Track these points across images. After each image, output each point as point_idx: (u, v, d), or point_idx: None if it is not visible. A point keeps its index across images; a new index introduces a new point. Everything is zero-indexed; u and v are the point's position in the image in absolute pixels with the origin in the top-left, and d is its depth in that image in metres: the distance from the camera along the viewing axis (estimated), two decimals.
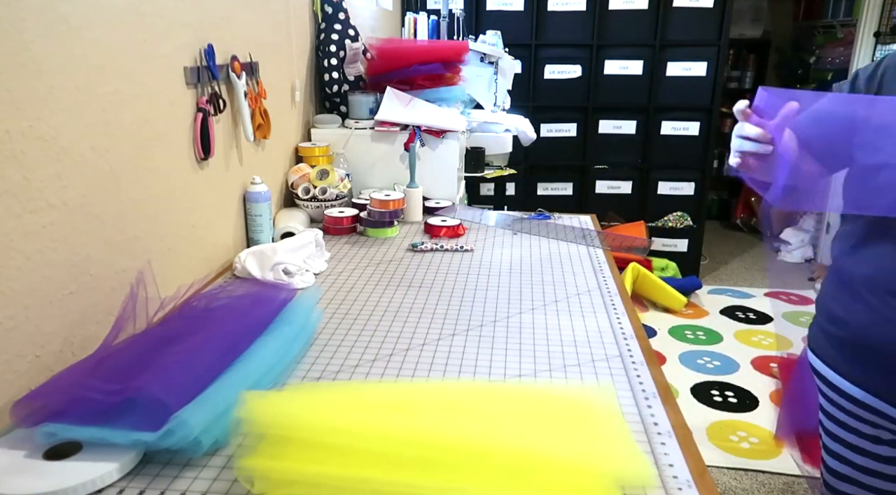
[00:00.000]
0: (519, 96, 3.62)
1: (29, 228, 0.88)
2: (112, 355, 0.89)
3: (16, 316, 0.87)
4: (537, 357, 1.06)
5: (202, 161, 1.34)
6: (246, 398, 0.75)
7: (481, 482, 0.68)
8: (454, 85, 2.16)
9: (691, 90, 3.82)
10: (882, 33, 3.94)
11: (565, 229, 1.79)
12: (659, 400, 0.94)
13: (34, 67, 0.87)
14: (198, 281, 1.30)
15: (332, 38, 2.03)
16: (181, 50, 1.25)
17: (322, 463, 0.69)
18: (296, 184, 1.78)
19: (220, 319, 1.01)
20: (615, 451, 0.74)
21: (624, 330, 1.17)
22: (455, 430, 0.73)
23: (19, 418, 0.79)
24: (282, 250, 1.38)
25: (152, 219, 1.18)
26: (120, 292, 1.07)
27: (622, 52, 3.86)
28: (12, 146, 0.84)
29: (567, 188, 4.12)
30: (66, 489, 0.72)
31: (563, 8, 3.84)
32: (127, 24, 1.07)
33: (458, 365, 1.04)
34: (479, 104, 2.95)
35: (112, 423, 0.77)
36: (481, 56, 2.95)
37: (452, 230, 1.71)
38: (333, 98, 2.10)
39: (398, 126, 1.95)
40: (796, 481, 2.18)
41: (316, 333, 1.14)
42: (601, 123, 4.01)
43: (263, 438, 0.73)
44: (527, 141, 2.92)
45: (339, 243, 1.65)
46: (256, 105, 1.54)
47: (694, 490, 0.75)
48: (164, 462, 0.78)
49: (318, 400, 0.81)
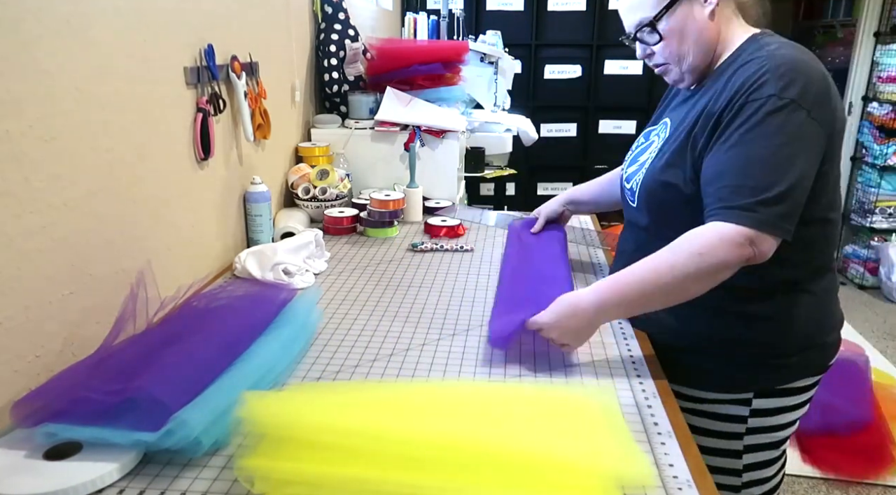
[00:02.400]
0: (519, 96, 3.62)
1: (29, 228, 0.88)
2: (112, 355, 0.89)
3: (16, 316, 0.87)
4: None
5: (202, 161, 1.34)
6: (246, 398, 0.75)
7: (481, 482, 0.68)
8: (454, 85, 2.16)
9: None
10: (882, 33, 3.94)
11: (565, 229, 1.79)
12: (659, 400, 0.94)
13: (34, 67, 0.87)
14: (198, 281, 1.29)
15: (332, 38, 2.03)
16: (181, 50, 1.25)
17: (322, 463, 0.69)
18: (296, 184, 1.78)
19: (220, 319, 1.01)
20: (615, 451, 0.74)
21: (624, 330, 1.17)
22: (455, 430, 0.73)
23: (19, 418, 0.79)
24: (282, 250, 1.38)
25: (152, 219, 1.18)
26: (120, 292, 1.07)
27: (622, 52, 3.86)
28: (12, 146, 0.84)
29: (567, 188, 4.12)
30: (66, 489, 0.72)
31: (563, 8, 3.85)
32: (127, 25, 1.07)
33: (458, 365, 1.04)
34: (479, 104, 2.95)
35: (112, 423, 0.77)
36: (481, 56, 2.95)
37: (452, 230, 1.71)
38: (333, 98, 2.10)
39: (398, 126, 1.95)
40: (796, 481, 2.18)
41: (316, 333, 1.14)
42: (601, 123, 4.01)
43: (263, 438, 0.73)
44: (528, 141, 2.92)
45: (339, 243, 1.65)
46: (256, 105, 1.54)
47: (694, 490, 0.75)
48: (164, 462, 0.78)
49: (318, 401, 0.81)
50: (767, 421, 1.11)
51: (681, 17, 1.05)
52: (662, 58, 1.10)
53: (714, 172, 0.99)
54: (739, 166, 0.96)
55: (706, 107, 1.03)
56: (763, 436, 1.12)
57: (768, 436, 1.13)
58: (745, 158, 0.96)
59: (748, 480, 1.15)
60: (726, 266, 0.95)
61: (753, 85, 0.96)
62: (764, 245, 0.94)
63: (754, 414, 1.11)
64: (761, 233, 0.93)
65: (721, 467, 1.14)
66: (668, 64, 1.10)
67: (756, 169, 0.95)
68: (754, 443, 1.13)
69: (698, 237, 0.96)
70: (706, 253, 0.95)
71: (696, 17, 1.05)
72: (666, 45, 1.08)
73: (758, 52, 1.01)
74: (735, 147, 0.97)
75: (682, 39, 1.06)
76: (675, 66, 1.09)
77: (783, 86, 0.95)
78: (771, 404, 1.10)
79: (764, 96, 0.95)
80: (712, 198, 0.98)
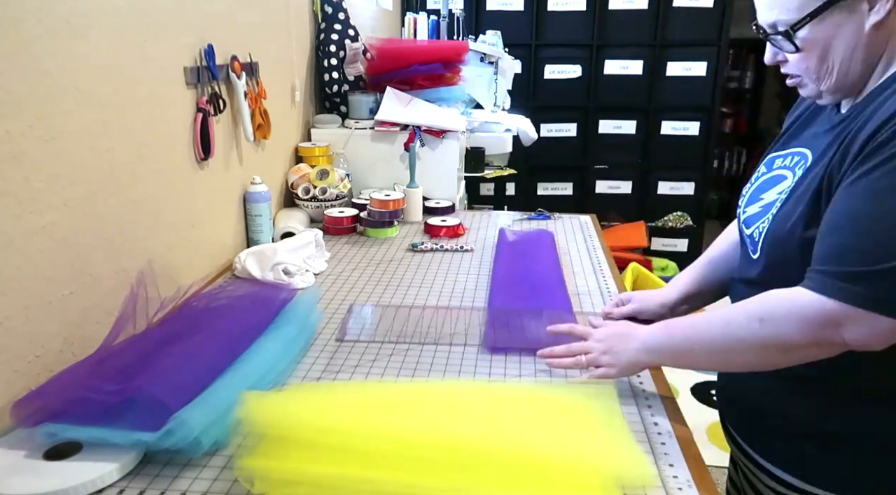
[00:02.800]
0: (519, 96, 3.62)
1: (29, 228, 0.88)
2: (112, 355, 0.89)
3: (16, 316, 0.87)
4: (537, 357, 1.06)
5: (202, 161, 1.34)
6: (246, 398, 0.75)
7: (481, 482, 0.68)
8: (454, 85, 2.16)
9: (691, 90, 3.82)
10: None
11: (565, 229, 1.79)
12: (659, 401, 0.94)
13: (34, 67, 0.87)
14: (198, 281, 1.30)
15: (332, 38, 2.03)
16: (181, 50, 1.25)
17: (322, 463, 0.69)
18: (296, 184, 1.78)
19: (220, 319, 1.01)
20: (615, 451, 0.74)
21: None
22: (455, 431, 0.73)
23: (19, 418, 0.79)
24: (282, 250, 1.38)
25: (152, 219, 1.18)
26: (120, 292, 1.07)
27: (622, 52, 3.86)
28: (12, 146, 0.84)
29: (567, 188, 4.12)
30: (66, 489, 0.72)
31: (563, 8, 3.84)
32: (127, 25, 1.07)
33: (458, 365, 1.04)
34: (479, 104, 2.95)
35: (112, 423, 0.77)
36: (481, 56, 2.94)
37: (452, 230, 1.71)
38: (333, 98, 2.10)
39: (398, 126, 1.95)
40: None
41: (316, 333, 1.14)
42: (601, 123, 4.00)
43: (264, 438, 0.73)
44: (528, 141, 2.92)
45: (339, 243, 1.65)
46: (256, 105, 1.54)
47: (694, 490, 0.75)
48: (164, 462, 0.78)
49: (318, 400, 0.82)
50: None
51: (830, 28, 0.79)
52: (797, 70, 0.85)
53: (827, 223, 0.77)
54: (858, 220, 0.73)
55: (851, 138, 0.78)
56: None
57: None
58: (869, 212, 0.73)
59: None
60: (793, 345, 0.77)
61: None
62: (859, 328, 0.72)
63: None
64: (856, 311, 0.72)
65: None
66: (802, 77, 0.86)
67: (878, 227, 0.72)
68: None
69: (769, 300, 0.79)
70: (768, 320, 0.77)
71: (852, 29, 0.78)
72: (803, 58, 0.83)
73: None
74: (860, 195, 0.74)
75: (824, 55, 0.81)
76: (811, 83, 0.85)
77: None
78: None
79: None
80: (815, 255, 0.77)
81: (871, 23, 0.77)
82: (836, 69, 0.81)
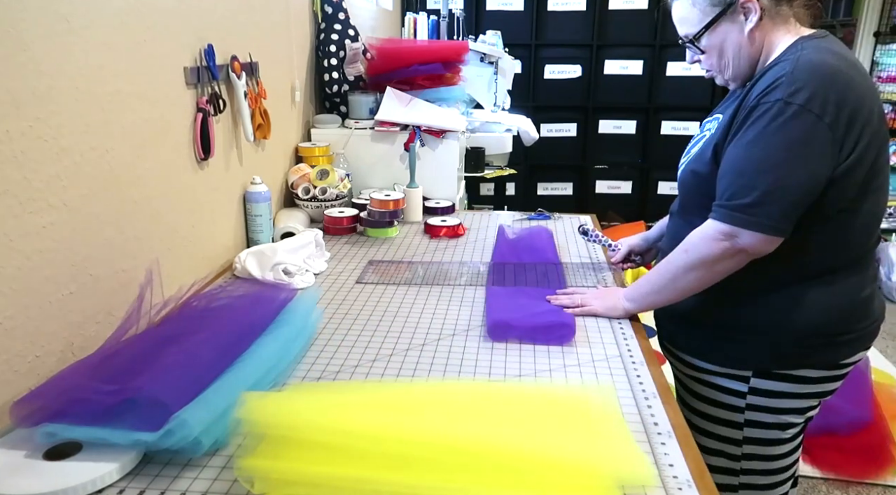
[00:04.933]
0: (519, 96, 3.62)
1: (29, 228, 0.88)
2: (112, 355, 0.89)
3: (16, 316, 0.87)
4: (537, 357, 1.06)
5: (202, 161, 1.34)
6: (246, 398, 0.75)
7: (481, 482, 0.68)
8: (454, 85, 2.16)
9: (691, 90, 3.83)
10: (882, 33, 3.94)
11: (565, 229, 1.79)
12: (659, 400, 0.94)
13: (34, 67, 0.87)
14: (198, 281, 1.30)
15: (332, 38, 2.03)
16: (181, 50, 1.25)
17: (322, 463, 0.69)
18: (296, 184, 1.78)
19: (220, 319, 1.01)
20: (615, 451, 0.74)
21: (624, 330, 1.17)
22: (455, 430, 0.73)
23: (19, 418, 0.79)
24: (282, 250, 1.38)
25: (152, 219, 1.18)
26: (120, 292, 1.07)
27: (622, 52, 3.86)
28: (12, 146, 0.84)
29: (567, 188, 4.12)
30: (66, 489, 0.72)
31: (563, 8, 3.85)
32: (127, 25, 1.07)
33: (458, 365, 1.04)
34: (479, 104, 2.95)
35: (112, 423, 0.77)
36: (481, 56, 2.95)
37: (452, 230, 1.71)
38: (333, 98, 2.10)
39: (398, 126, 1.95)
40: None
41: (316, 333, 1.14)
42: (601, 123, 4.01)
43: (263, 438, 0.73)
44: (529, 141, 2.93)
45: (339, 243, 1.65)
46: (256, 105, 1.54)
47: (694, 490, 0.75)
48: (164, 462, 0.78)
49: (317, 401, 0.82)
50: (767, 401, 1.13)
51: (721, 35, 1.11)
52: (707, 66, 1.17)
53: (721, 169, 1.07)
54: (738, 166, 1.04)
55: (741, 105, 1.08)
56: (764, 415, 1.14)
57: (770, 417, 1.14)
58: (744, 159, 1.03)
59: (748, 453, 1.17)
60: (712, 259, 1.06)
61: (767, 88, 1.01)
62: (745, 240, 1.02)
63: (753, 392, 1.14)
64: (739, 229, 1.02)
65: (723, 436, 1.19)
66: (712, 71, 1.18)
67: (750, 169, 1.02)
68: (755, 420, 1.15)
69: (691, 236, 1.09)
70: (691, 248, 1.08)
71: (736, 35, 1.10)
72: (708, 58, 1.15)
73: (789, 56, 1.05)
74: (738, 147, 1.04)
75: (721, 54, 1.13)
76: (718, 74, 1.17)
77: (793, 91, 0.98)
78: (769, 385, 1.12)
79: (772, 100, 1.00)
80: (716, 193, 1.07)
81: (748, 29, 1.09)
82: (731, 63, 1.13)
